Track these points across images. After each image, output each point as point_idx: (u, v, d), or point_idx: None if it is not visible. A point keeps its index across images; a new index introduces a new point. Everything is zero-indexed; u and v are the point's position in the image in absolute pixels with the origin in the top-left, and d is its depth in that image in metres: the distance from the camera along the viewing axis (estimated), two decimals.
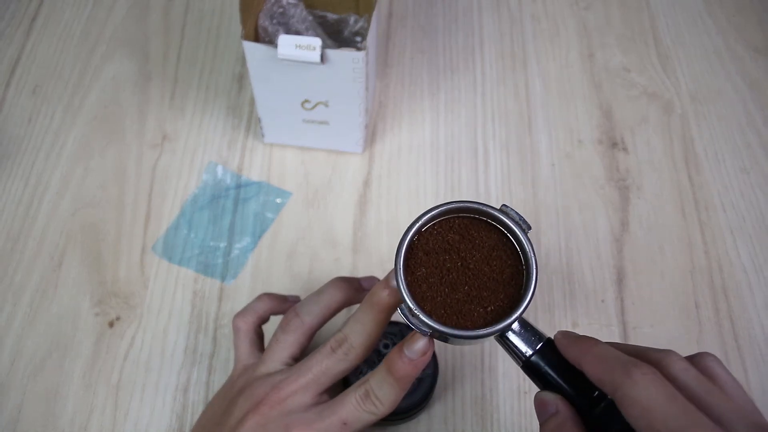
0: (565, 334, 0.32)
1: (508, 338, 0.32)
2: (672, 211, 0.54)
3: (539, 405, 0.32)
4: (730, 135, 0.58)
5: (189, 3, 0.64)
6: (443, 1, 0.66)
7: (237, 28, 0.63)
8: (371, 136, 0.57)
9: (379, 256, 0.52)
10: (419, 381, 0.42)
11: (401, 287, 0.31)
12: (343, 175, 0.55)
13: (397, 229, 0.53)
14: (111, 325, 0.48)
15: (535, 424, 0.45)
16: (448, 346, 0.48)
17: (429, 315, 0.31)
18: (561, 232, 0.53)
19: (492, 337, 0.33)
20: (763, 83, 0.61)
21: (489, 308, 0.32)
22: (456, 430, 0.45)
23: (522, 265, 0.33)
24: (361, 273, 0.51)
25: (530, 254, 0.32)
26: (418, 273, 0.32)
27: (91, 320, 0.48)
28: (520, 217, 0.33)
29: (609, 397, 0.29)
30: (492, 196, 0.54)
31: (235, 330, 0.43)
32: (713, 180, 0.56)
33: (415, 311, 0.31)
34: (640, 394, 0.26)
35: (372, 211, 0.54)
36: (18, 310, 0.48)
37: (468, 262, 0.33)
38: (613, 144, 0.58)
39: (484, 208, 0.33)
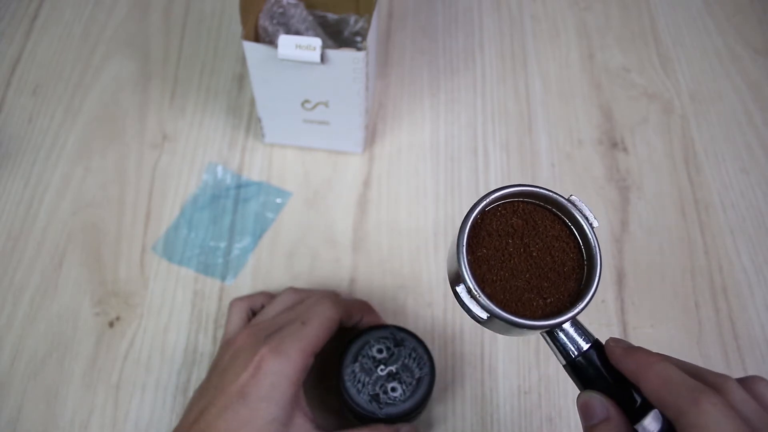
0: (618, 343, 0.31)
1: (557, 335, 0.31)
2: (672, 211, 0.54)
3: (585, 407, 0.30)
4: (730, 135, 0.58)
5: (189, 3, 0.65)
6: (443, 1, 0.66)
7: (237, 28, 0.63)
8: (371, 137, 0.57)
9: (380, 256, 0.52)
10: (417, 381, 0.42)
11: (463, 266, 0.29)
12: (343, 175, 0.55)
13: (397, 229, 0.53)
14: (111, 324, 0.48)
15: (535, 424, 0.45)
16: (447, 344, 0.48)
17: (490, 298, 0.29)
18: None
19: (539, 331, 0.31)
20: (763, 83, 0.61)
21: (548, 300, 0.31)
22: (456, 430, 0.45)
23: (583, 260, 0.32)
24: (361, 273, 0.51)
25: (595, 250, 0.31)
26: (479, 253, 0.31)
27: (91, 320, 0.48)
28: (589, 210, 0.31)
29: (663, 415, 0.28)
30: None
31: (230, 306, 0.45)
32: (713, 180, 0.56)
33: (476, 293, 0.29)
34: (710, 425, 0.25)
35: (372, 211, 0.54)
36: (18, 310, 0.48)
37: (530, 249, 0.31)
38: (613, 144, 0.58)
39: (552, 195, 0.32)
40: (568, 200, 0.32)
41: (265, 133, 0.55)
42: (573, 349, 0.31)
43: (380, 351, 0.43)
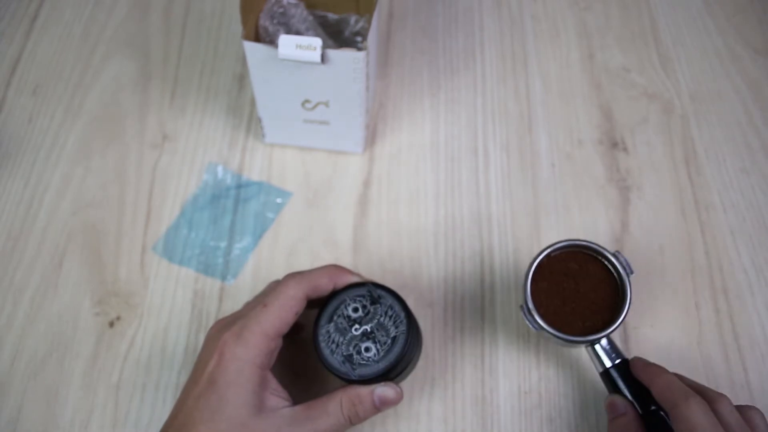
0: (640, 359, 0.42)
1: (595, 350, 0.43)
2: (672, 211, 0.54)
3: (611, 405, 0.42)
4: (730, 135, 0.58)
5: (189, 3, 0.65)
6: (443, 1, 0.66)
7: (237, 28, 0.63)
8: (371, 137, 0.57)
9: (379, 256, 0.52)
10: (393, 340, 0.40)
11: (527, 293, 0.43)
12: (344, 175, 0.55)
13: (397, 229, 0.53)
14: (111, 324, 0.48)
15: (535, 424, 0.45)
16: (448, 344, 0.48)
17: (542, 317, 0.42)
18: (561, 232, 0.53)
19: (583, 347, 0.44)
20: (763, 83, 0.61)
21: (587, 323, 0.43)
22: (456, 430, 0.45)
23: (618, 297, 0.44)
24: (361, 273, 0.50)
25: (628, 293, 0.43)
26: (541, 285, 0.44)
27: (92, 320, 0.48)
28: (628, 263, 0.43)
29: (665, 412, 0.39)
30: (492, 196, 0.55)
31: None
32: (713, 180, 0.56)
33: (533, 312, 0.43)
34: (692, 415, 0.36)
35: (372, 211, 0.54)
36: (18, 309, 0.49)
37: (580, 286, 0.44)
38: (613, 144, 0.58)
39: (602, 250, 0.44)
40: (614, 255, 0.44)
41: (266, 133, 0.55)
42: (607, 361, 0.42)
43: (356, 310, 0.41)
